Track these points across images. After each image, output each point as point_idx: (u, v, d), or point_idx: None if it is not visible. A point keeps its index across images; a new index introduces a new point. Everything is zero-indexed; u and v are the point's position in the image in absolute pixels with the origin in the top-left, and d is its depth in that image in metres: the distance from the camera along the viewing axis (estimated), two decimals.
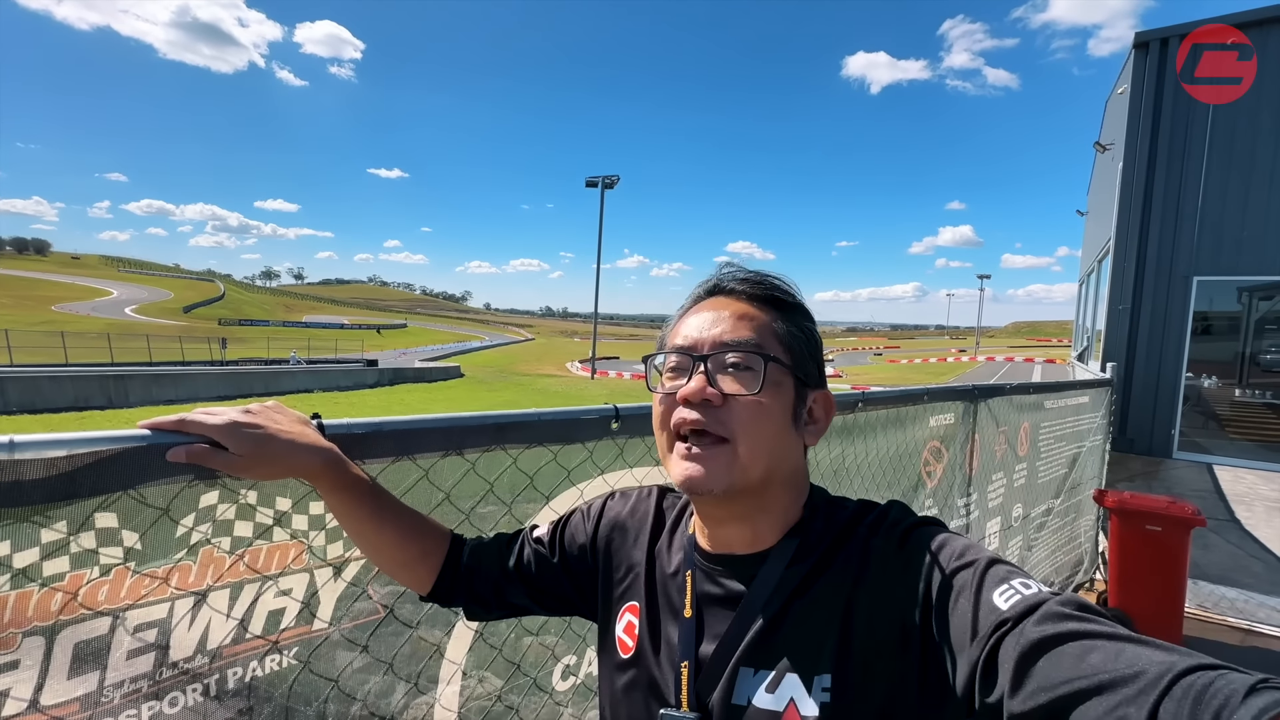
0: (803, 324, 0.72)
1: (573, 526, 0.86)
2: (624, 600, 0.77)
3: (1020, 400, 3.26)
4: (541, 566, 0.84)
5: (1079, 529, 4.36)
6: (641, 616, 0.74)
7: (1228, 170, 7.65)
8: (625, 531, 0.81)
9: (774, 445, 0.66)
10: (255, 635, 0.84)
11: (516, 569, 0.84)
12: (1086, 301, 12.57)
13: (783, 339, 0.69)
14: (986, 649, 0.51)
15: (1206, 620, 3.98)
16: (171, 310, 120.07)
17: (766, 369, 0.65)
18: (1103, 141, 10.90)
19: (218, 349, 39.52)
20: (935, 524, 0.66)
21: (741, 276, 0.72)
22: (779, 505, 0.69)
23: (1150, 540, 3.63)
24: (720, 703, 0.65)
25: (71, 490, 0.66)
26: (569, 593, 0.84)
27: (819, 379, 0.72)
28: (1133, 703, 0.41)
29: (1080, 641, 0.46)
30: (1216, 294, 7.98)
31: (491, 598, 0.84)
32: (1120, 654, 0.44)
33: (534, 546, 0.85)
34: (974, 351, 64.83)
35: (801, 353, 0.70)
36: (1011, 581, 0.55)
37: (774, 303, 0.71)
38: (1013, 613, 0.51)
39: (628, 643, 0.74)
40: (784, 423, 0.67)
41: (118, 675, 0.72)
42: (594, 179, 31.15)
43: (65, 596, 0.68)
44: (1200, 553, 4.61)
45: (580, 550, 0.83)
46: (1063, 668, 0.45)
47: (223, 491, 0.79)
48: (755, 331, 0.68)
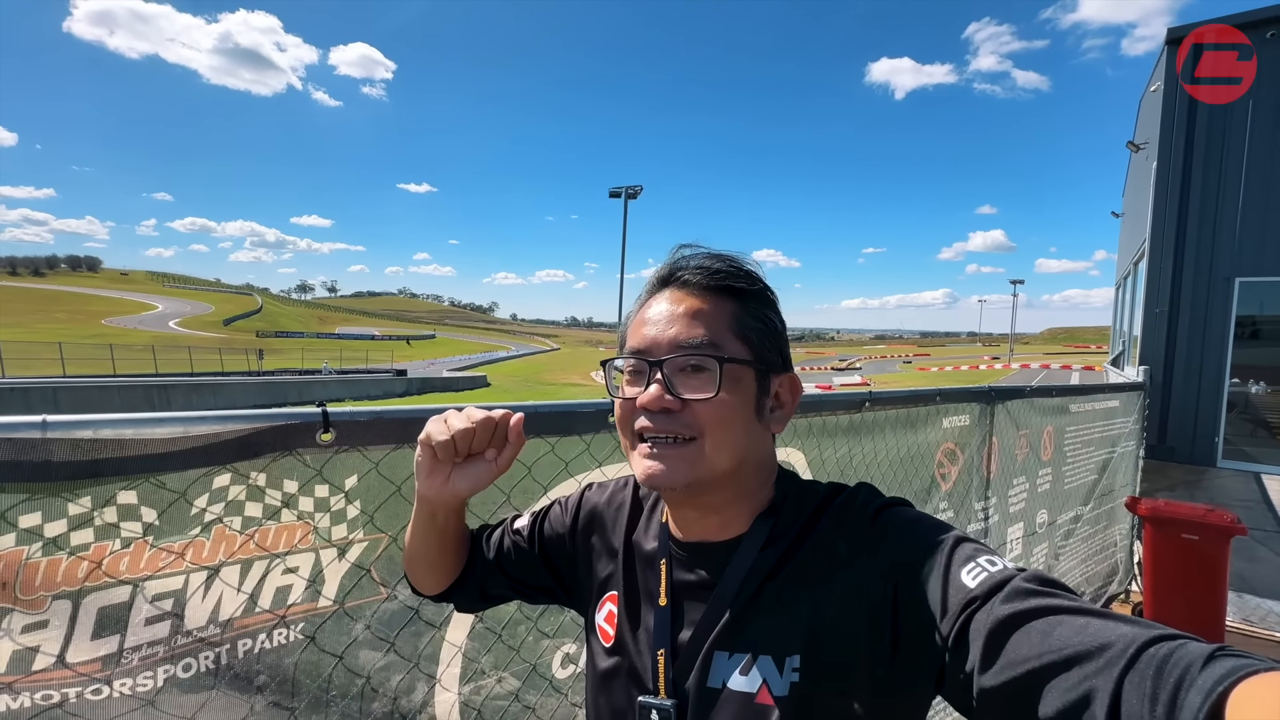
0: (761, 311, 0.70)
1: (552, 518, 0.87)
2: (604, 589, 0.79)
3: (1042, 403, 3.19)
4: (521, 558, 0.86)
5: (1112, 538, 4.21)
6: (620, 605, 0.75)
7: (1270, 165, 7.35)
8: (603, 521, 0.83)
9: (737, 441, 0.66)
10: (264, 609, 0.89)
11: (497, 561, 0.86)
12: (1123, 305, 12.17)
13: (739, 332, 0.67)
14: (956, 627, 0.52)
15: (1251, 635, 3.80)
16: (212, 323, 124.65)
17: (722, 370, 0.64)
18: (1136, 141, 10.59)
19: (255, 360, 40.88)
20: (903, 504, 0.67)
21: (697, 265, 0.69)
22: (746, 494, 0.69)
23: (1187, 550, 3.48)
24: (696, 687, 0.66)
25: (95, 471, 0.72)
26: (549, 583, 0.86)
27: (782, 364, 0.71)
28: (1099, 674, 0.42)
29: (1047, 617, 0.47)
30: (1267, 297, 7.65)
31: (476, 591, 0.87)
32: (1086, 628, 0.45)
33: (513, 538, 0.87)
34: (1008, 359, 63.02)
35: (761, 343, 0.68)
36: (978, 559, 0.56)
37: (731, 292, 0.69)
38: (981, 590, 0.52)
39: (609, 631, 0.76)
40: (747, 417, 0.67)
41: (136, 639, 0.78)
42: (618, 189, 31.44)
43: (90, 565, 0.75)
44: (1246, 565, 4.41)
45: (559, 540, 0.85)
46: (1031, 643, 0.46)
47: (234, 475, 0.85)
48: (710, 330, 0.66)
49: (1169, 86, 7.89)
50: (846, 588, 0.62)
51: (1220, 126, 7.59)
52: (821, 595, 0.63)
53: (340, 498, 0.96)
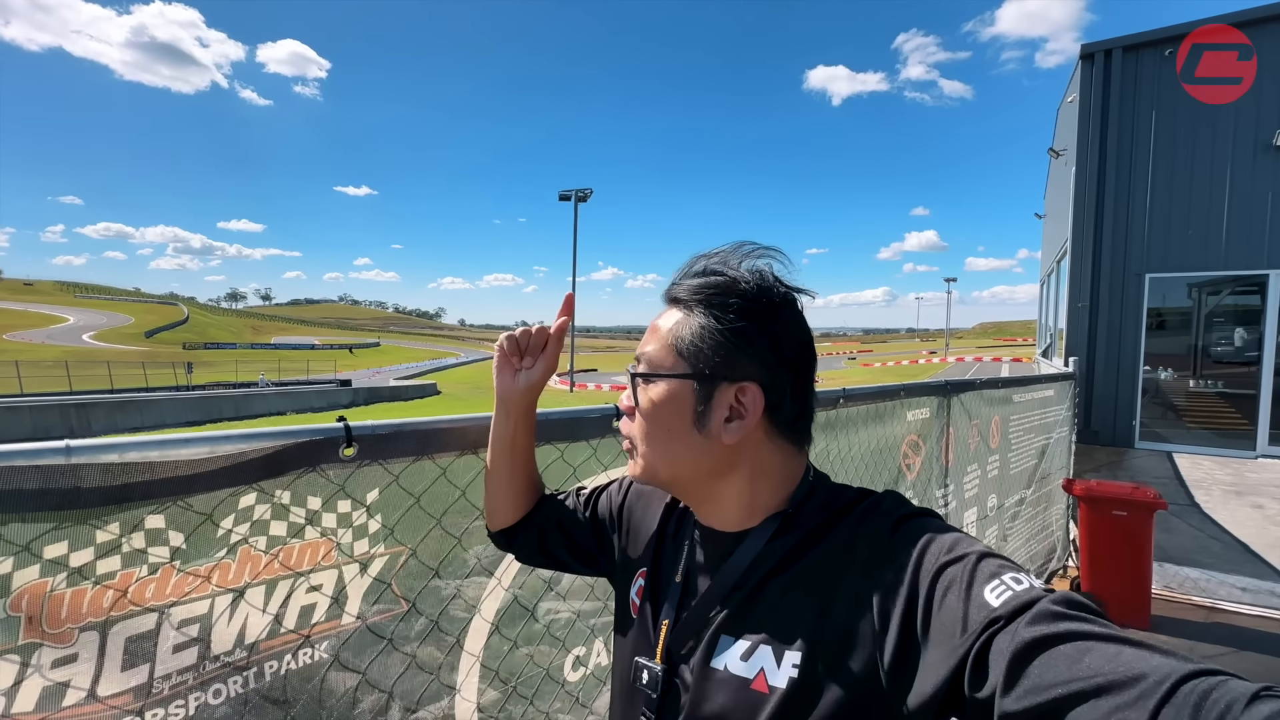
0: (707, 322, 0.67)
1: (608, 492, 0.96)
2: (640, 565, 0.85)
3: (990, 394, 3.42)
4: (576, 522, 0.95)
5: (1051, 518, 4.54)
6: (649, 580, 0.81)
7: (1171, 172, 8.09)
8: (647, 503, 0.89)
9: (667, 449, 0.70)
10: (289, 629, 0.88)
11: (559, 519, 0.96)
12: (1048, 301, 13.05)
13: (674, 344, 0.69)
14: (977, 646, 0.50)
15: (1173, 600, 4.17)
16: (133, 335, 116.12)
17: (635, 385, 0.72)
18: (1056, 148, 11.41)
19: (183, 374, 38.37)
20: (929, 515, 0.66)
21: (675, 279, 0.73)
22: (730, 494, 0.71)
23: (1117, 525, 3.80)
24: (699, 664, 0.69)
25: (125, 495, 0.70)
26: (593, 549, 0.94)
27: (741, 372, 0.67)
28: (1132, 707, 0.40)
29: (1076, 642, 0.45)
30: (1169, 290, 8.40)
31: (535, 539, 0.97)
32: (1118, 656, 0.43)
33: (575, 500, 0.98)
34: (944, 353, 66.39)
35: (695, 354, 0.67)
36: (1003, 577, 0.53)
37: (678, 303, 0.71)
38: (1005, 610, 0.50)
39: (636, 603, 0.82)
40: (676, 429, 0.68)
41: (165, 668, 0.76)
42: (567, 192, 31.31)
43: (116, 594, 0.72)
44: (1164, 536, 4.82)
45: (608, 514, 0.93)
46: (1058, 669, 0.44)
47: (259, 494, 0.84)
48: (656, 343, 0.71)
49: (1084, 98, 8.57)
50: (859, 592, 0.61)
51: (1129, 136, 8.29)
52: (832, 596, 0.63)
53: (362, 512, 0.95)
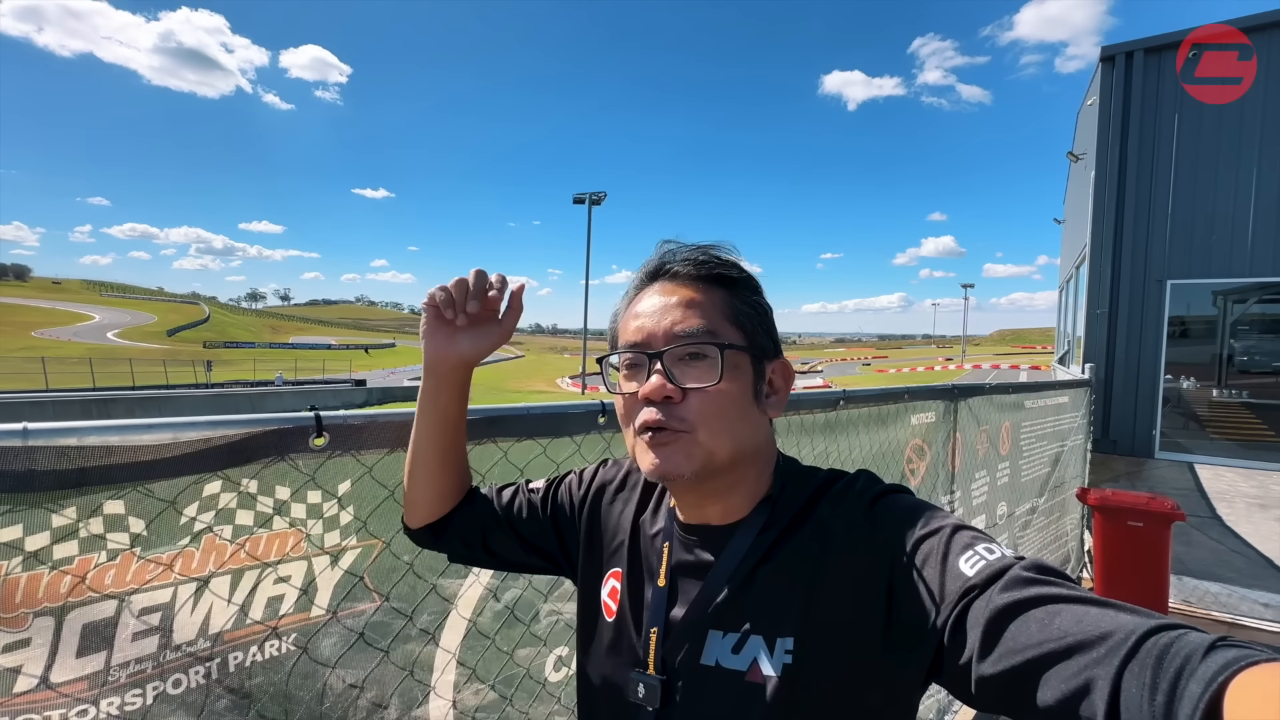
0: (751, 298, 0.71)
1: (567, 486, 0.89)
2: (610, 565, 0.80)
3: (1000, 400, 3.34)
4: (531, 517, 0.88)
5: (1064, 527, 4.43)
6: (624, 582, 0.77)
7: (1194, 177, 7.90)
8: (615, 499, 0.84)
9: (737, 428, 0.66)
10: (255, 621, 0.87)
11: (506, 515, 0.88)
12: (1066, 307, 12.81)
13: (734, 319, 0.68)
14: (954, 615, 0.52)
15: (1192, 615, 4.04)
16: (155, 334, 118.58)
17: (724, 356, 0.65)
18: (1075, 151, 11.22)
19: (203, 372, 39.08)
20: (902, 491, 0.67)
21: (684, 257, 0.71)
22: (748, 480, 0.70)
23: (1132, 536, 3.70)
24: (690, 664, 0.67)
25: (82, 480, 0.69)
26: (553, 549, 0.88)
27: (774, 349, 0.72)
28: (1099, 664, 0.42)
29: (1046, 606, 0.48)
30: (1193, 298, 8.19)
31: (476, 538, 0.88)
32: (1086, 616, 0.45)
33: (528, 496, 0.89)
34: (960, 359, 65.55)
35: (754, 328, 0.69)
36: (976, 547, 0.56)
37: (721, 281, 0.70)
38: (979, 579, 0.52)
39: (611, 606, 0.77)
40: (745, 403, 0.68)
41: (124, 656, 0.75)
42: (581, 195, 31.46)
43: (74, 579, 0.71)
44: (1184, 549, 4.69)
45: (570, 510, 0.87)
46: (1030, 631, 0.47)
47: (225, 482, 0.83)
48: (706, 318, 0.67)
49: (1104, 101, 8.40)
50: (841, 572, 0.62)
51: (1150, 139, 8.11)
52: (816, 578, 0.63)
53: (333, 504, 0.94)
